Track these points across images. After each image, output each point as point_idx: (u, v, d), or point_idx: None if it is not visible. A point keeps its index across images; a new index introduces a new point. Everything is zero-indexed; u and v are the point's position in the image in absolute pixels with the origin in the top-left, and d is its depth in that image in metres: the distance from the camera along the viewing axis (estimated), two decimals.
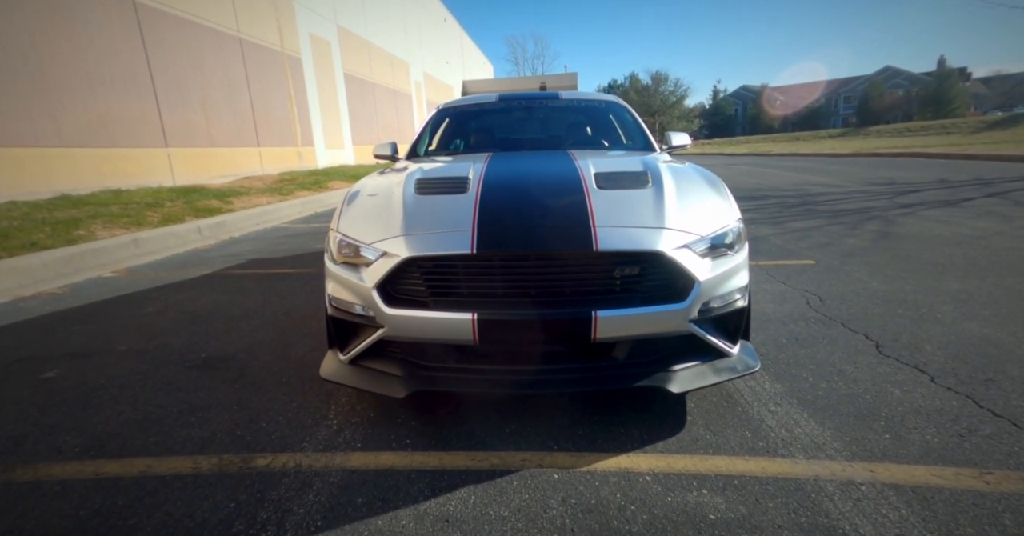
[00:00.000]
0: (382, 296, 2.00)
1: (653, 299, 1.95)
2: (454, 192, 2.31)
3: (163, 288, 4.60)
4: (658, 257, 1.93)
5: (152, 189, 9.08)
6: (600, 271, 1.96)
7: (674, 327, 1.97)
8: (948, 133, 36.06)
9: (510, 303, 1.96)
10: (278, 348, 3.08)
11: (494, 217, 2.07)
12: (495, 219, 2.05)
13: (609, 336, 1.92)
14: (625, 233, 1.97)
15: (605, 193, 2.21)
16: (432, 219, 2.11)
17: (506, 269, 1.96)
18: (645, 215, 2.07)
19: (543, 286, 1.96)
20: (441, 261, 1.96)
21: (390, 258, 1.98)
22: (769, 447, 1.95)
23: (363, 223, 2.20)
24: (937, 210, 7.30)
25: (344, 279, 2.11)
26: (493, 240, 1.95)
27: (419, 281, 2.00)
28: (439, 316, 1.92)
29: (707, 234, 2.04)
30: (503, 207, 2.16)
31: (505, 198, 2.25)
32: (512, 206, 2.17)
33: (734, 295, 2.11)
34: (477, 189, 2.29)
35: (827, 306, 3.52)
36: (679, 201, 2.18)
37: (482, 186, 2.32)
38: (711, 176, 2.59)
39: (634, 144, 3.86)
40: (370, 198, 2.45)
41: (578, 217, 2.03)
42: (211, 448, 2.06)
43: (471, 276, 1.99)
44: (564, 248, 1.94)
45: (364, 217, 2.26)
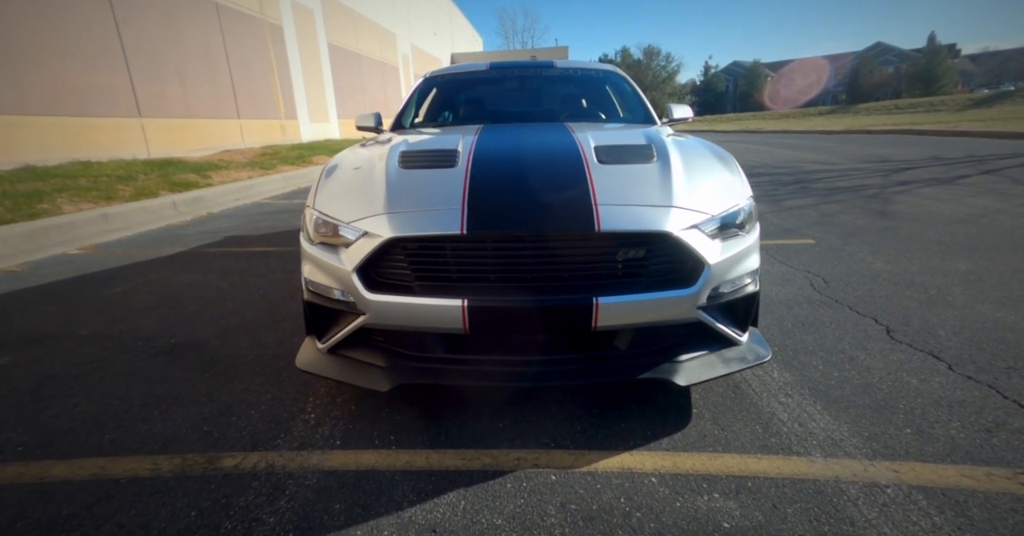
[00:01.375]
0: (363, 280, 1.82)
1: (659, 284, 1.79)
2: (442, 166, 2.11)
3: (133, 267, 4.34)
4: (665, 238, 1.76)
5: (125, 161, 8.67)
6: (602, 254, 1.79)
7: (681, 314, 1.81)
8: (936, 110, 36.00)
9: (503, 289, 1.79)
10: (254, 333, 2.88)
11: (486, 194, 1.88)
12: (487, 196, 1.87)
13: (611, 324, 1.76)
14: (629, 212, 1.79)
15: (607, 168, 2.03)
16: (418, 196, 1.92)
17: (499, 251, 1.78)
18: (651, 192, 1.89)
19: (540, 270, 1.79)
20: (428, 242, 1.78)
21: (371, 238, 1.79)
22: (783, 444, 1.80)
23: (342, 200, 2.00)
24: (934, 188, 7.18)
25: (321, 261, 1.91)
26: (485, 219, 1.77)
27: (404, 264, 1.82)
28: (426, 303, 1.74)
29: (717, 213, 1.87)
30: (496, 183, 1.97)
31: (498, 173, 2.06)
32: (505, 182, 1.98)
33: (745, 279, 1.95)
34: (467, 163, 2.08)
35: (832, 288, 3.38)
36: (687, 177, 2.00)
37: (472, 160, 2.11)
38: (720, 150, 2.40)
39: (633, 117, 3.65)
40: (350, 172, 2.24)
41: (578, 194, 1.84)
42: (174, 446, 1.87)
43: (461, 259, 1.80)
44: (563, 228, 1.76)
45: (343, 193, 2.06)
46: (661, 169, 2.04)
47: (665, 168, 2.05)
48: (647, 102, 3.69)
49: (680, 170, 2.04)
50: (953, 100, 39.84)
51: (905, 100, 44.86)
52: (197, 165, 9.29)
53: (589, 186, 1.88)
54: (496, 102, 4.05)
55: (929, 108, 37.97)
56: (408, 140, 2.68)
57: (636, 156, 2.16)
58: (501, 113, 3.82)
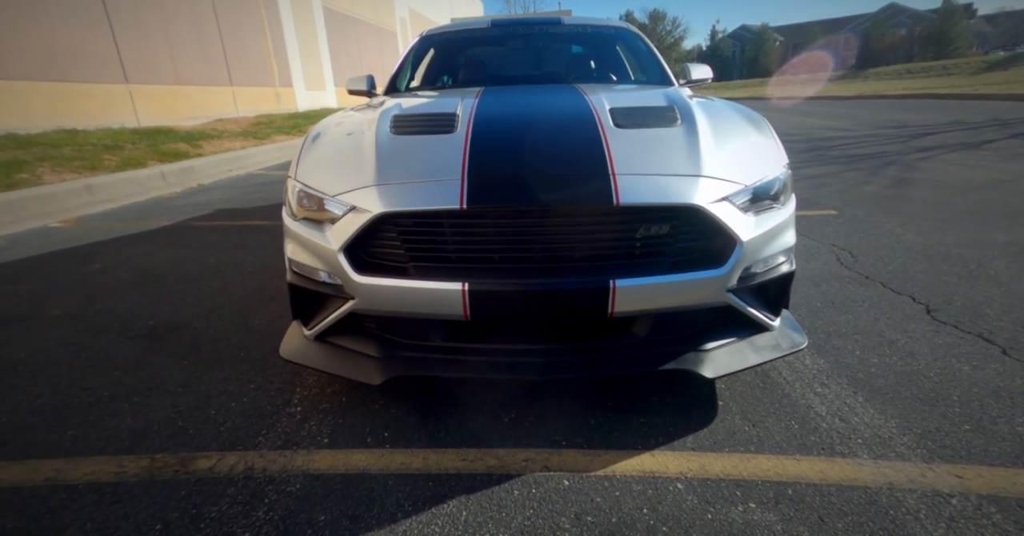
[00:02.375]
0: (351, 261, 1.61)
1: (684, 264, 1.58)
2: (439, 131, 1.88)
3: (115, 241, 4.11)
4: (693, 212, 1.55)
5: (113, 130, 8.35)
6: (620, 230, 1.58)
7: (709, 298, 1.61)
8: (949, 74, 34.91)
9: (509, 271, 1.58)
10: (240, 314, 2.67)
11: (488, 162, 1.66)
12: (489, 165, 1.65)
13: (630, 310, 1.56)
14: (652, 182, 1.57)
15: (625, 133, 1.79)
16: (412, 165, 1.70)
17: (503, 228, 1.57)
18: (676, 160, 1.66)
19: (549, 249, 1.58)
20: (423, 218, 1.58)
21: (360, 214, 1.58)
22: (823, 443, 1.60)
23: (327, 170, 1.79)
24: (959, 153, 6.85)
25: (305, 239, 1.71)
26: (487, 192, 1.55)
27: (396, 243, 1.61)
28: (422, 286, 1.54)
29: (751, 183, 1.65)
30: (499, 150, 1.74)
31: (502, 139, 1.83)
32: (510, 149, 1.75)
33: (779, 258, 1.74)
34: (467, 128, 1.85)
35: (861, 263, 3.14)
36: (716, 142, 1.77)
37: (473, 124, 1.88)
38: (751, 113, 2.15)
39: (648, 78, 3.36)
40: (336, 139, 2.02)
41: (593, 163, 1.62)
42: (143, 445, 1.68)
43: (460, 237, 1.59)
44: (576, 202, 1.55)
45: (329, 162, 1.84)
46: (686, 133, 1.80)
47: (691, 132, 1.80)
48: (663, 62, 3.38)
49: (708, 134, 1.80)
50: (967, 63, 38.55)
51: (917, 64, 43.49)
52: (188, 134, 8.96)
53: (605, 153, 1.66)
54: (499, 63, 3.75)
55: (942, 72, 36.83)
56: (402, 104, 2.43)
57: (657, 119, 1.92)
58: (505, 75, 3.54)
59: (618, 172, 1.58)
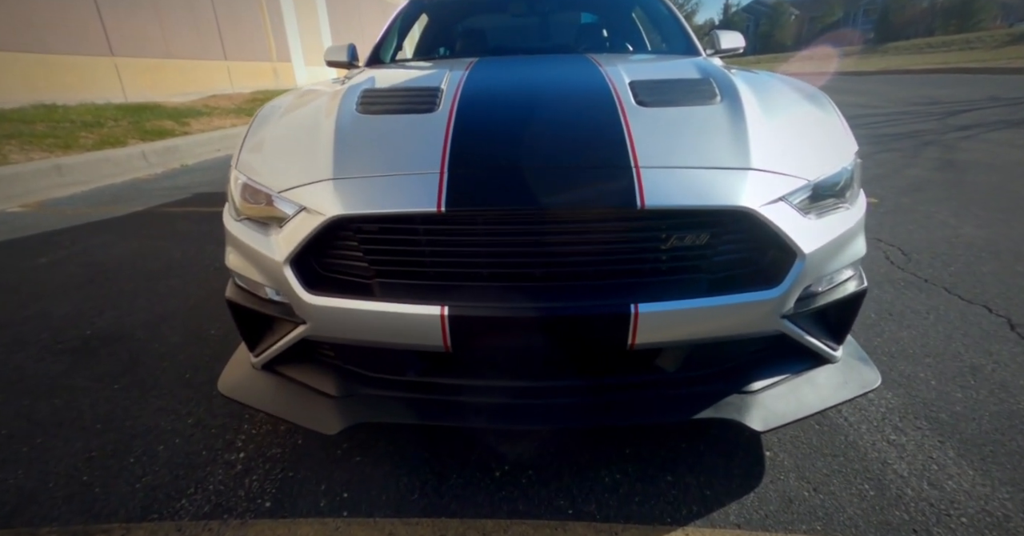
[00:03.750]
0: (300, 276, 1.25)
1: (727, 284, 1.21)
2: (417, 110, 1.48)
3: (75, 230, 3.73)
4: (741, 217, 1.18)
5: (96, 106, 7.91)
6: (645, 240, 1.20)
7: (757, 326, 1.23)
8: (972, 48, 33.55)
9: (500, 291, 1.21)
10: (195, 321, 2.30)
11: (476, 151, 1.29)
12: (477, 155, 1.28)
13: (655, 341, 1.19)
14: (687, 178, 1.19)
15: (650, 113, 1.39)
16: (379, 153, 1.32)
17: (493, 237, 1.19)
18: (717, 147, 1.27)
19: (552, 264, 1.21)
20: (390, 223, 1.22)
21: (311, 216, 1.21)
22: (915, 522, 1.21)
23: (276, 158, 1.41)
24: (1003, 132, 6.31)
25: (246, 246, 1.34)
26: (473, 189, 1.18)
27: (358, 253, 1.25)
28: (390, 310, 1.18)
29: (814, 178, 1.26)
30: (490, 134, 1.36)
31: (494, 120, 1.43)
32: (504, 133, 1.36)
33: (845, 272, 1.38)
34: (451, 106, 1.46)
35: (915, 263, 2.71)
36: (768, 124, 1.37)
37: (459, 101, 1.49)
38: (806, 86, 1.73)
39: (671, 47, 2.91)
40: (291, 119, 1.62)
41: (610, 152, 1.25)
42: (27, 513, 1.31)
43: (438, 247, 1.22)
44: (589, 205, 1.17)
45: (279, 148, 1.46)
46: (729, 113, 1.39)
47: (735, 111, 1.40)
48: (688, 27, 2.91)
49: (757, 114, 1.39)
50: (991, 36, 37.03)
51: (938, 38, 41.94)
52: (176, 111, 8.52)
53: (626, 139, 1.27)
54: (501, 31, 3.28)
55: (964, 46, 35.43)
56: (378, 76, 2.04)
57: (690, 94, 1.51)
58: (507, 47, 3.09)
59: (642, 164, 1.20)
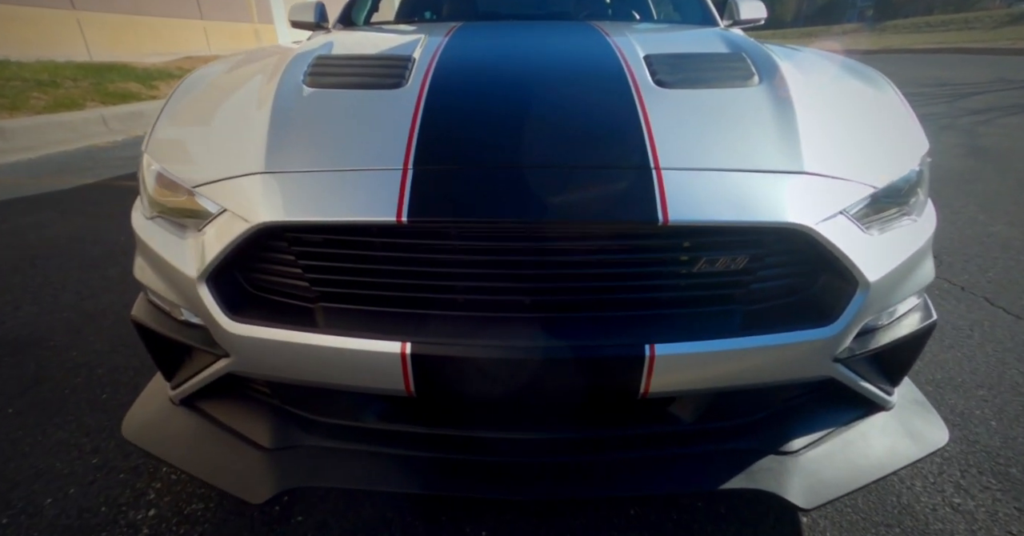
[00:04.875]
0: (221, 297, 0.96)
1: (766, 319, 0.95)
2: (379, 85, 1.16)
3: (9, 205, 3.34)
4: (791, 237, 0.91)
5: (55, 64, 7.33)
6: (667, 264, 0.94)
7: (802, 372, 0.97)
8: (971, 28, 32.97)
9: (477, 324, 0.93)
10: (128, 323, 1.97)
11: (450, 143, 1.00)
12: (452, 147, 0.99)
13: (673, 389, 0.95)
14: (722, 184, 0.92)
15: (672, 96, 1.11)
16: (327, 140, 1.03)
17: (471, 256, 0.92)
18: (759, 143, 1.00)
19: (546, 292, 0.95)
20: (337, 235, 0.94)
21: (234, 221, 0.93)
22: None
23: (195, 142, 1.13)
24: (1019, 117, 6.00)
25: (155, 254, 1.04)
26: (445, 194, 0.91)
27: (295, 270, 0.97)
28: (336, 345, 0.90)
29: (881, 184, 0.98)
30: (469, 121, 1.05)
31: (474, 103, 1.12)
32: (487, 120, 1.06)
33: (911, 301, 1.10)
34: (423, 81, 1.15)
35: (949, 267, 2.43)
36: (822, 114, 1.08)
37: (433, 75, 1.17)
38: (862, 67, 1.42)
39: (685, 17, 2.58)
40: (219, 91, 1.29)
41: (622, 148, 0.98)
42: None
43: (400, 267, 0.94)
44: (594, 219, 0.89)
45: (199, 130, 1.16)
46: (772, 97, 1.11)
47: (779, 96, 1.11)
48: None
49: (807, 100, 1.11)
50: (989, 16, 36.45)
51: (937, 17, 41.30)
52: (146, 73, 7.95)
53: (643, 130, 0.99)
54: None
55: (963, 25, 34.88)
56: (338, 40, 1.69)
57: (721, 73, 1.21)
58: (498, 11, 2.69)
59: (665, 165, 0.92)
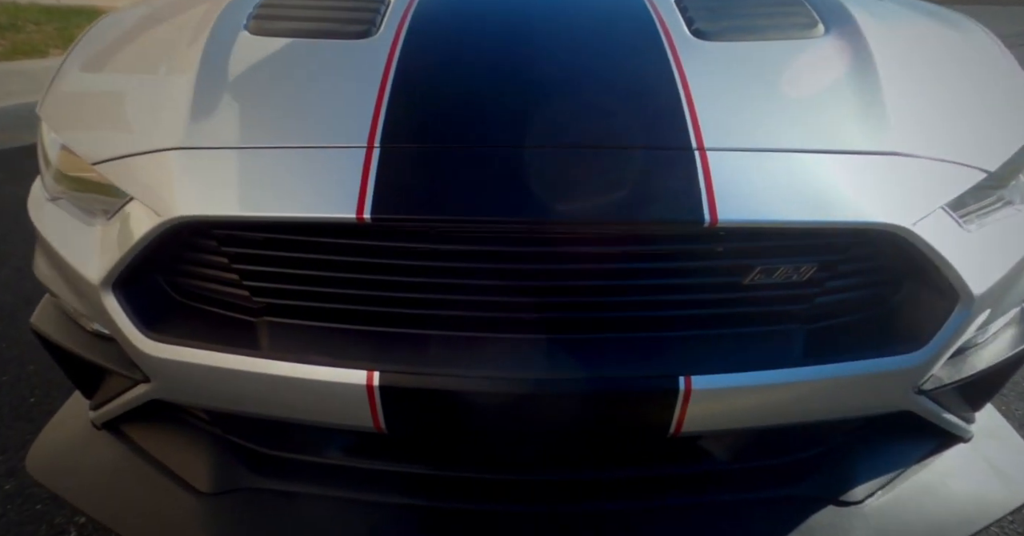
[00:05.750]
0: (134, 308, 0.78)
1: (833, 341, 0.75)
2: (342, 33, 0.89)
3: None
4: (879, 240, 0.71)
5: (16, 5, 6.85)
6: (711, 274, 0.73)
7: (874, 406, 0.81)
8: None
9: (464, 348, 0.73)
10: None
11: (430, 113, 0.77)
12: (432, 119, 0.76)
13: (711, 428, 0.78)
14: (786, 171, 0.69)
15: (714, 51, 0.86)
16: (270, 106, 0.80)
17: (456, 263, 0.71)
18: (831, 114, 0.77)
19: (553, 308, 0.74)
20: (281, 234, 0.72)
21: (143, 214, 0.73)
22: None
23: (101, 104, 0.92)
24: None
25: (52, 250, 0.85)
26: (421, 184, 0.69)
27: (231, 276, 0.77)
28: (285, 373, 0.71)
29: (995, 165, 0.78)
30: (456, 85, 0.81)
31: (463, 60, 0.86)
32: (479, 84, 0.81)
33: (1009, 313, 0.90)
34: (397, 31, 0.87)
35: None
36: (910, 75, 0.86)
37: (411, 22, 0.89)
38: (952, 15, 1.16)
39: None
40: (134, 40, 1.05)
41: (653, 121, 0.73)
42: None
43: (364, 275, 0.73)
44: (619, 219, 0.67)
45: (107, 90, 0.96)
46: (844, 53, 0.86)
47: (853, 50, 0.86)
48: None
49: (890, 56, 0.86)
50: None
51: None
52: None
53: (680, 96, 0.74)
54: None
55: None
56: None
57: (774, 19, 0.94)
58: None
59: (710, 144, 0.69)
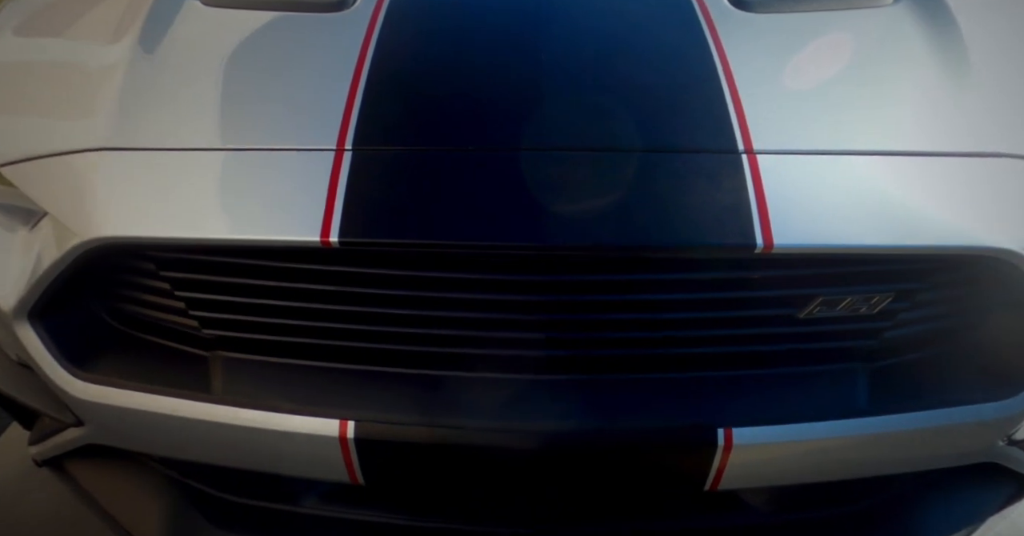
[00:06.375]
0: (58, 343, 0.70)
1: (903, 386, 0.68)
2: (311, 5, 0.84)
3: None
4: (976, 266, 0.64)
5: None
6: (761, 306, 0.66)
7: (950, 459, 0.72)
8: None
9: (456, 391, 0.67)
10: None
11: (415, 108, 0.68)
12: (418, 116, 0.67)
13: (755, 484, 0.71)
14: (857, 179, 0.62)
15: (759, 24, 0.75)
16: (221, 97, 0.72)
17: (447, 293, 0.63)
18: (911, 105, 0.71)
19: (563, 344, 0.66)
20: (230, 258, 0.64)
21: (59, 231, 0.66)
22: None
23: (11, 91, 0.83)
24: None
25: None
26: (402, 200, 0.59)
27: (176, 305, 0.70)
28: (244, 422, 0.64)
29: None
30: (448, 73, 0.72)
31: (456, 42, 0.77)
32: (476, 73, 0.71)
33: None
34: (378, 2, 0.79)
35: None
36: (1013, 56, 0.76)
37: None
38: None
39: None
40: (61, 8, 0.99)
41: (689, 119, 0.65)
42: None
43: (335, 307, 0.65)
44: (648, 243, 0.58)
45: (21, 73, 0.87)
46: (923, 24, 0.74)
47: (933, 21, 0.74)
48: None
49: (981, 29, 0.76)
50: None
51: None
52: None
53: (720, 87, 0.66)
54: None
55: None
56: None
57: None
58: None
59: (760, 146, 0.61)
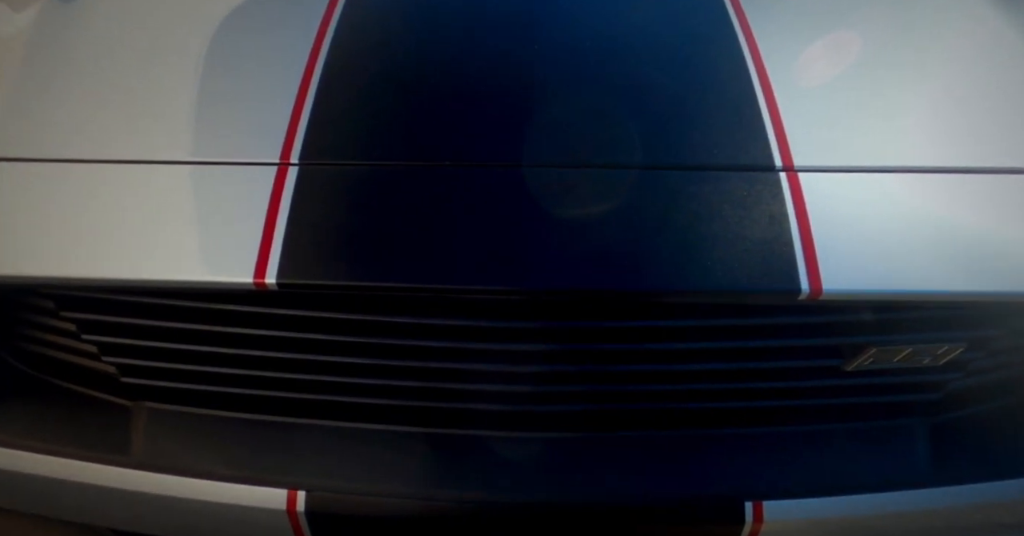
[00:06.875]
0: None
1: (968, 446, 0.61)
2: None
3: None
4: None
5: None
6: (801, 356, 0.55)
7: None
8: None
9: (428, 452, 0.57)
10: None
11: (381, 113, 0.56)
12: (385, 122, 0.55)
13: None
14: (919, 200, 0.54)
15: (799, 4, 0.70)
16: (132, 95, 0.61)
17: (413, 341, 0.53)
18: (979, 110, 0.63)
19: (560, 399, 0.58)
20: (143, 298, 0.52)
21: None
22: None
23: None
24: None
25: None
26: (357, 231, 0.49)
27: (88, 347, 0.58)
28: (172, 492, 0.53)
29: None
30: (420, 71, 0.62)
31: (430, 29, 0.67)
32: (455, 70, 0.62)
33: None
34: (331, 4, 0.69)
35: None
36: None
37: None
38: None
39: None
40: None
41: (716, 130, 0.55)
42: None
43: (272, 353, 0.54)
44: (664, 287, 0.48)
45: None
46: (988, 6, 0.72)
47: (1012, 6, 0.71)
48: None
49: None
50: None
51: None
52: None
53: (753, 89, 0.57)
54: None
55: None
56: None
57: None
58: None
59: (802, 163, 0.53)
